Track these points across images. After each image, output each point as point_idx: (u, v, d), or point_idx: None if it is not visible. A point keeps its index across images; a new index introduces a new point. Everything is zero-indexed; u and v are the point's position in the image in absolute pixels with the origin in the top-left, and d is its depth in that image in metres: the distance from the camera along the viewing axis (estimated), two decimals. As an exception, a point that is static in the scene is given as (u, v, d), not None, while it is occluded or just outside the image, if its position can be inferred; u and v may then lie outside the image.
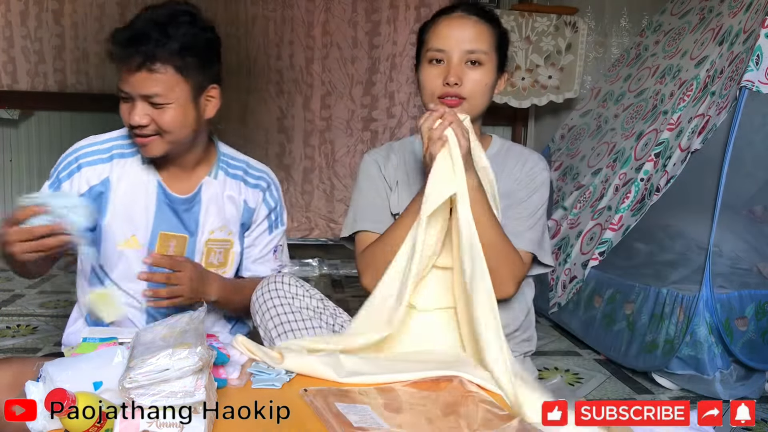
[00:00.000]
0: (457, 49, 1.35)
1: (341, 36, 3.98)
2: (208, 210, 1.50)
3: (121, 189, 1.45)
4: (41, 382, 0.98)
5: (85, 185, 1.44)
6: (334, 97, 4.04)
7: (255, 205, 1.55)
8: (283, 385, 1.11)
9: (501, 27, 1.42)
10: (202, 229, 1.50)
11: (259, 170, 1.58)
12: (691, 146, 2.43)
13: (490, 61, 1.36)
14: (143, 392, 0.85)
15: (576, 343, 2.71)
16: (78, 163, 1.44)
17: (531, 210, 1.41)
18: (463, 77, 1.34)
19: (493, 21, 1.40)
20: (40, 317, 2.81)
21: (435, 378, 1.13)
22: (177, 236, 1.48)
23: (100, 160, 1.45)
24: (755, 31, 2.31)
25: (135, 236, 1.46)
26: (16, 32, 3.84)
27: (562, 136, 3.48)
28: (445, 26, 1.38)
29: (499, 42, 1.39)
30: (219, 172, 1.52)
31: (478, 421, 0.98)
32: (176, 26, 1.34)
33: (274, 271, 1.61)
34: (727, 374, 2.15)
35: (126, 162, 1.46)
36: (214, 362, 1.02)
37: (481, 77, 1.35)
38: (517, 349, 1.46)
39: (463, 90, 1.34)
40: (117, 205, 1.45)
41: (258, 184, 1.56)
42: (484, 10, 1.41)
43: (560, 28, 3.65)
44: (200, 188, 1.49)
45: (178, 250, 1.49)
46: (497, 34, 1.39)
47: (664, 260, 2.75)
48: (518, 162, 1.45)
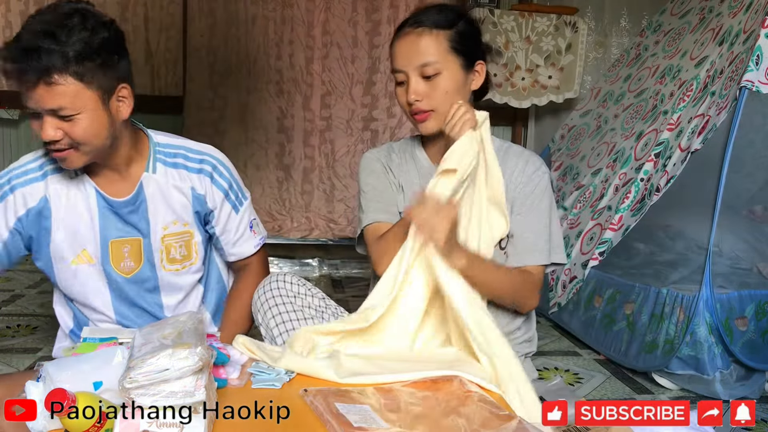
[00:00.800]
0: (410, 66, 1.36)
1: (341, 35, 3.97)
2: (155, 206, 1.44)
3: (62, 205, 1.39)
4: (41, 382, 0.98)
5: (22, 208, 1.38)
6: (334, 96, 4.04)
7: (204, 191, 1.47)
8: (283, 385, 1.11)
9: (459, 22, 1.39)
10: (154, 228, 1.44)
11: (199, 153, 1.48)
12: (691, 146, 2.43)
13: (447, 67, 1.36)
14: (143, 392, 0.85)
15: (576, 343, 2.71)
16: (11, 185, 1.38)
17: (544, 220, 1.42)
18: (422, 92, 1.36)
19: (442, 23, 1.37)
20: (40, 317, 2.81)
21: (435, 378, 1.13)
22: (129, 240, 1.44)
23: (34, 179, 1.39)
24: (755, 31, 2.31)
25: (86, 250, 1.42)
26: (17, 32, 3.84)
27: (562, 136, 3.48)
28: (397, 46, 1.40)
29: (458, 39, 1.37)
30: (157, 165, 1.44)
31: (478, 421, 0.98)
32: (67, 31, 1.22)
33: (257, 246, 1.57)
34: (727, 374, 2.15)
35: (59, 177, 1.40)
36: (214, 362, 1.02)
37: (441, 86, 1.36)
38: (517, 350, 1.46)
39: (425, 104, 1.36)
40: (60, 222, 1.40)
41: (202, 168, 1.46)
42: (433, 15, 1.39)
43: (560, 28, 3.65)
44: (140, 186, 1.42)
45: (133, 254, 1.44)
46: (452, 34, 1.37)
47: (664, 260, 2.75)
48: (518, 163, 1.45)
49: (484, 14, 3.58)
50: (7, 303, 2.99)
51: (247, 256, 1.57)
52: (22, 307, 2.94)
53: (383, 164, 1.51)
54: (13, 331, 2.63)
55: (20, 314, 2.85)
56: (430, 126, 1.39)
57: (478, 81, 1.43)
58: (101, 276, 1.44)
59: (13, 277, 3.40)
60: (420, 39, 1.36)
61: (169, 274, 1.48)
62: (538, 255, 1.41)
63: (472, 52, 1.40)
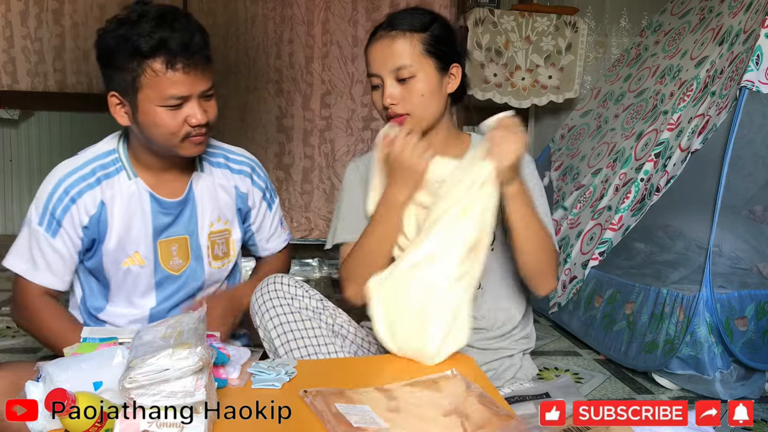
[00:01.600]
0: (384, 70, 1.37)
1: (341, 34, 3.97)
2: (203, 205, 1.49)
3: (116, 208, 1.42)
4: (41, 382, 0.98)
5: (86, 217, 1.40)
6: (334, 96, 4.04)
7: (246, 190, 1.56)
8: (283, 385, 1.11)
9: (433, 25, 1.38)
10: (201, 225, 1.49)
11: (239, 155, 1.58)
12: (691, 146, 2.43)
13: (421, 70, 1.36)
14: (143, 392, 0.85)
15: (576, 343, 2.71)
16: (70, 196, 1.39)
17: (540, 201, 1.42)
18: (397, 95, 1.36)
19: (416, 26, 1.37)
20: (40, 317, 2.81)
21: (435, 378, 1.13)
22: (177, 239, 1.47)
23: (89, 186, 1.40)
24: (755, 31, 2.31)
25: (137, 252, 1.44)
26: (16, 32, 3.84)
27: (562, 136, 3.48)
28: (371, 50, 1.40)
29: (432, 42, 1.37)
30: (204, 164, 1.50)
31: (478, 421, 0.99)
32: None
33: (286, 241, 1.69)
34: (727, 374, 2.15)
35: (113, 181, 1.42)
36: (214, 362, 1.02)
37: (416, 89, 1.36)
38: (515, 347, 1.46)
39: (400, 107, 1.37)
40: (115, 225, 1.42)
41: (242, 170, 1.56)
42: (406, 18, 1.39)
43: (560, 28, 3.65)
44: (190, 185, 1.47)
45: (181, 252, 1.48)
46: (426, 37, 1.37)
47: (664, 260, 2.75)
48: None
49: (484, 14, 3.58)
50: (7, 303, 3.00)
51: (277, 251, 1.69)
52: (23, 307, 2.94)
53: (360, 176, 1.50)
54: (13, 331, 2.63)
55: (20, 314, 2.85)
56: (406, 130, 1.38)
57: (453, 84, 1.42)
58: (150, 277, 1.47)
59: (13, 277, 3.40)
60: (394, 42, 1.36)
61: (214, 271, 1.53)
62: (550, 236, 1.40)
63: (447, 55, 1.39)
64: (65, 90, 3.90)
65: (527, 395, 1.26)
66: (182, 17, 1.30)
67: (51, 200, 1.39)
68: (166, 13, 1.29)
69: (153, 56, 1.26)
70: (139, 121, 1.33)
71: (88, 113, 3.90)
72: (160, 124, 1.31)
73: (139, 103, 1.31)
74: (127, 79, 1.29)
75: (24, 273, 1.43)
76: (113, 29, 1.30)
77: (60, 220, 1.39)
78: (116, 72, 1.31)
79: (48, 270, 1.43)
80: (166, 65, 1.26)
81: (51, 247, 1.40)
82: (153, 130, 1.33)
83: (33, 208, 1.41)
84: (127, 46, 1.27)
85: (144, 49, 1.26)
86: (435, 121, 1.41)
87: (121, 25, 1.29)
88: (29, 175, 4.01)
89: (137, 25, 1.27)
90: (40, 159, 3.99)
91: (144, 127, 1.33)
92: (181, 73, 1.27)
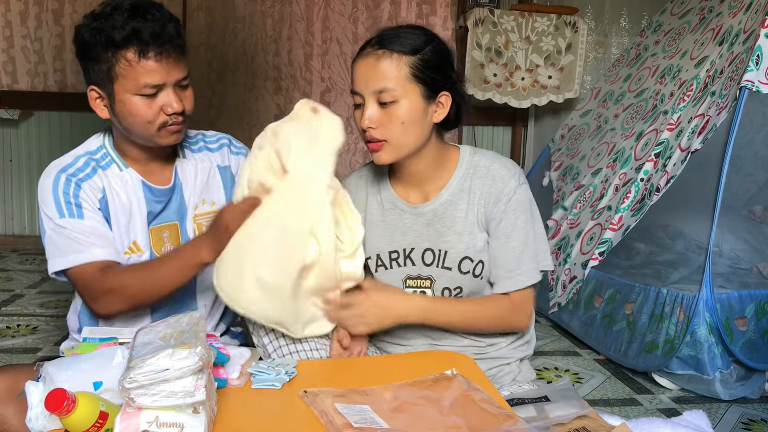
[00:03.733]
0: (366, 90, 1.28)
1: (341, 32, 3.95)
2: (189, 190, 1.50)
3: (116, 196, 1.43)
4: (41, 382, 0.98)
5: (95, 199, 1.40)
6: (334, 93, 4.01)
7: (227, 162, 1.56)
8: (283, 385, 1.11)
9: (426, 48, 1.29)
10: (189, 210, 1.50)
11: (213, 134, 1.60)
12: (691, 146, 2.43)
13: (405, 95, 1.27)
14: (143, 392, 0.85)
15: (576, 343, 2.71)
16: (74, 182, 1.39)
17: (522, 238, 1.35)
18: (377, 119, 1.28)
19: (406, 48, 1.28)
20: (40, 317, 2.81)
21: (435, 378, 1.13)
22: (167, 226, 1.49)
23: (87, 175, 1.41)
24: (755, 31, 2.31)
25: (136, 241, 1.45)
26: (16, 32, 3.84)
27: (562, 136, 3.48)
28: (356, 66, 1.31)
29: (422, 67, 1.27)
30: (186, 151, 1.53)
31: (478, 421, 0.98)
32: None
33: None
34: (727, 374, 2.15)
35: (107, 172, 1.43)
36: (214, 362, 1.02)
37: (397, 115, 1.27)
38: (512, 355, 1.44)
39: (378, 133, 1.28)
40: (117, 213, 1.43)
41: (219, 145, 1.58)
42: (398, 37, 1.29)
43: (560, 28, 3.65)
44: (176, 172, 1.49)
45: (172, 238, 1.49)
46: (415, 61, 1.27)
47: (664, 260, 2.75)
48: (485, 183, 1.36)
49: (484, 14, 3.58)
50: (7, 303, 3.00)
51: None
52: (22, 307, 2.94)
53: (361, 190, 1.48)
54: (13, 331, 2.63)
55: (20, 314, 2.85)
56: (383, 157, 1.31)
57: (440, 113, 1.32)
58: None
59: (13, 277, 3.40)
60: (379, 62, 1.27)
61: None
62: (525, 277, 1.35)
63: (437, 82, 1.30)
64: (65, 90, 3.90)
65: (526, 398, 1.26)
66: (155, 8, 1.33)
67: (58, 191, 1.39)
68: (139, 5, 1.32)
69: (126, 46, 1.29)
70: (117, 112, 1.35)
71: (88, 113, 3.88)
72: (136, 114, 1.33)
73: (115, 93, 1.34)
74: (103, 70, 1.33)
75: (75, 262, 1.36)
76: (88, 23, 1.33)
77: (78, 202, 1.39)
78: (93, 64, 1.34)
79: (96, 245, 1.38)
80: (139, 54, 1.30)
81: (85, 228, 1.38)
82: (130, 120, 1.35)
83: (45, 210, 1.39)
84: (101, 38, 1.30)
85: (117, 39, 1.29)
86: (416, 150, 1.33)
87: (96, 19, 1.32)
88: (29, 175, 4.01)
89: (111, 17, 1.30)
90: (40, 159, 3.99)
91: (121, 117, 1.36)
92: (153, 62, 1.30)
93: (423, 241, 1.38)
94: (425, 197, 1.40)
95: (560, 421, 1.13)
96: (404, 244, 1.40)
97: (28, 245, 4.03)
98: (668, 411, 2.08)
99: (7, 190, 4.06)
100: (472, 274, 1.37)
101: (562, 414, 1.16)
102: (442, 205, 1.38)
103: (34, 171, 4.00)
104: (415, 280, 1.40)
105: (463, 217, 1.36)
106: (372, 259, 1.42)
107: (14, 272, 3.50)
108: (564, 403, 1.21)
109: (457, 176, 1.38)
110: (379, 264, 1.42)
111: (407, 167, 1.37)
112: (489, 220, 1.36)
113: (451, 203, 1.37)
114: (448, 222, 1.37)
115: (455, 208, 1.37)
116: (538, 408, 1.21)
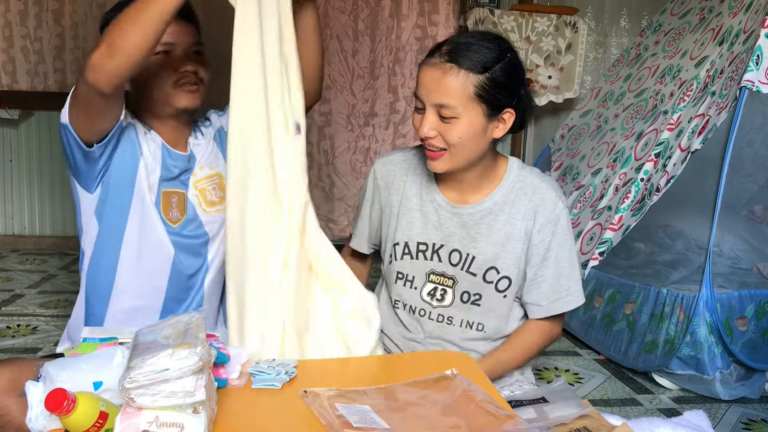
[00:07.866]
0: (428, 100, 1.26)
1: (341, 28, 3.91)
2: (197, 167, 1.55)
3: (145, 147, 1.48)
4: (41, 382, 0.98)
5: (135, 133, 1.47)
6: (334, 91, 3.97)
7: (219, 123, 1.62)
8: (283, 385, 1.11)
9: (496, 66, 1.24)
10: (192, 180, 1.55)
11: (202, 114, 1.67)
12: (691, 146, 2.43)
13: (466, 114, 1.24)
14: (143, 392, 0.85)
15: (576, 343, 2.71)
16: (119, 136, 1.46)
17: (571, 259, 1.39)
18: (436, 128, 1.26)
19: (475, 66, 1.23)
20: (40, 317, 2.81)
21: (435, 378, 1.13)
22: (176, 192, 1.52)
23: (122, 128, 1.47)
24: (755, 31, 2.31)
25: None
26: (16, 32, 3.84)
27: (562, 136, 3.48)
28: (422, 73, 1.28)
29: (488, 87, 1.24)
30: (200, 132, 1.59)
31: (478, 421, 0.98)
32: None
33: None
34: (727, 374, 2.15)
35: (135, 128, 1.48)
36: (214, 362, 1.02)
37: (455, 130, 1.25)
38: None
39: (438, 141, 1.27)
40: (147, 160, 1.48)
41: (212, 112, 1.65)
42: (468, 52, 1.24)
43: (560, 28, 3.65)
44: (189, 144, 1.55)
45: (179, 205, 1.52)
46: (482, 81, 1.23)
47: (664, 260, 2.75)
48: (531, 201, 1.36)
49: (484, 14, 3.58)
50: (7, 303, 3.00)
51: None
52: (22, 307, 2.94)
53: (377, 182, 1.47)
54: (13, 331, 2.63)
55: (20, 314, 2.85)
56: (439, 166, 1.30)
57: (502, 130, 1.30)
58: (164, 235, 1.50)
59: (13, 277, 3.40)
60: (445, 77, 1.23)
61: (213, 217, 1.55)
62: (573, 298, 1.41)
63: (501, 100, 1.26)
64: (65, 90, 3.88)
65: (525, 399, 1.26)
66: None
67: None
68: None
69: None
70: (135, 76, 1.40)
71: (87, 113, 3.89)
72: (152, 70, 1.42)
73: None
74: None
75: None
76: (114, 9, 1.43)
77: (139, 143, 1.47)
78: None
79: None
80: None
81: None
82: (146, 79, 1.43)
83: None
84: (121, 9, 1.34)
85: None
86: (473, 162, 1.32)
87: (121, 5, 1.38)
88: (29, 175, 4.00)
89: None
90: (40, 159, 3.98)
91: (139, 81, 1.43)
92: None
93: (453, 241, 1.38)
94: (466, 200, 1.39)
95: (561, 422, 1.13)
96: (435, 239, 1.40)
97: (28, 245, 4.03)
98: (668, 411, 2.08)
99: (7, 190, 4.06)
100: (495, 287, 1.37)
101: (563, 414, 1.16)
102: (481, 211, 1.37)
103: (34, 171, 4.00)
104: (439, 276, 1.40)
105: (500, 228, 1.36)
106: (399, 245, 1.42)
107: (14, 272, 3.50)
108: (563, 403, 1.21)
109: (503, 188, 1.37)
110: (406, 252, 1.42)
111: (456, 173, 1.35)
112: (534, 242, 1.36)
113: (491, 212, 1.37)
114: (483, 229, 1.36)
115: (494, 218, 1.36)
116: (537, 409, 1.21)
